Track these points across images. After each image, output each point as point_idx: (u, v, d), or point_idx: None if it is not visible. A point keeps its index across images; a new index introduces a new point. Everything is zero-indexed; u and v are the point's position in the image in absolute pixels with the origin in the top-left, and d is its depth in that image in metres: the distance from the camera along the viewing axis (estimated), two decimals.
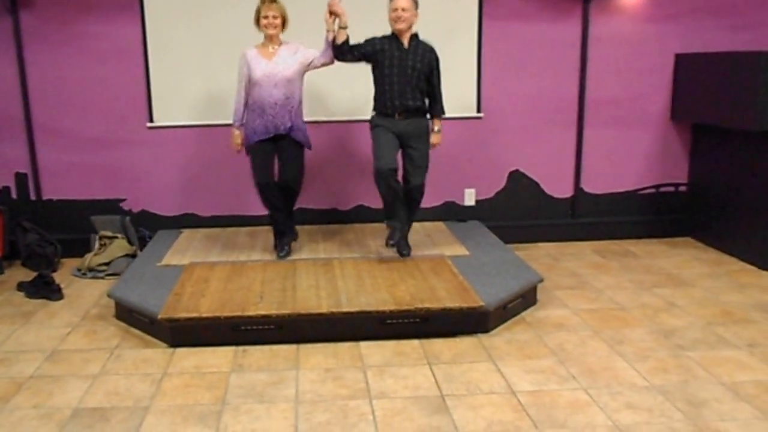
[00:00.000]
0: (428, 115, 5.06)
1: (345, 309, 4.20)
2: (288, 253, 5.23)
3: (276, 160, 5.13)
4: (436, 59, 4.94)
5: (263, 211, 5.47)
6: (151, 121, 5.86)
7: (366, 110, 5.22)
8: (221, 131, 5.71)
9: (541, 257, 5.86)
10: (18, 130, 5.81)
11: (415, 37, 4.90)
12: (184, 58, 5.79)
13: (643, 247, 6.16)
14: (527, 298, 4.72)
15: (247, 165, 5.11)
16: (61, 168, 5.92)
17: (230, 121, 5.04)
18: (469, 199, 6.20)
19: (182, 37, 5.75)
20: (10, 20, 5.61)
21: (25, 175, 5.89)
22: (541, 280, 4.85)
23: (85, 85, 5.77)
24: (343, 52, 4.86)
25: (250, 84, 4.94)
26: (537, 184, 6.24)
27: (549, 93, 6.07)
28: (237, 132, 5.05)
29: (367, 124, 5.08)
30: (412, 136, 4.95)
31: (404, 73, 4.84)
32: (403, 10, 4.77)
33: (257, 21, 4.93)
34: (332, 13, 4.80)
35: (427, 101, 5.01)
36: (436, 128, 5.08)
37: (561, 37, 5.98)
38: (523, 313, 4.63)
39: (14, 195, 5.94)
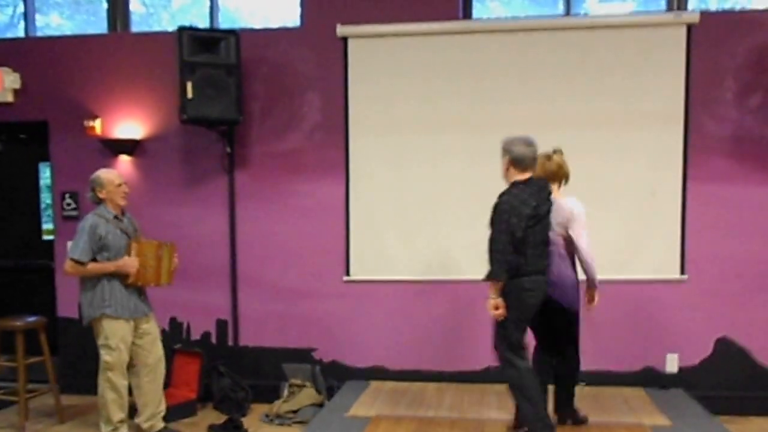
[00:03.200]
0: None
1: None
2: None
3: None
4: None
5: (452, 368, 5.45)
6: (348, 274, 6.04)
7: None
8: (413, 287, 5.85)
9: None
10: (224, 280, 6.17)
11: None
12: (383, 217, 5.98)
13: None
14: None
15: (437, 319, 5.08)
16: (258, 316, 6.17)
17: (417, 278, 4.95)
18: (671, 365, 5.79)
19: (383, 197, 5.97)
20: (226, 179, 6.10)
21: (226, 321, 6.19)
22: None
23: (288, 238, 6.09)
24: None
25: None
26: (748, 353, 5.75)
27: (760, 257, 5.69)
28: None
29: None
30: None
31: None
32: None
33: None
34: None
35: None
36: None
37: None
38: None
39: (214, 340, 6.22)
